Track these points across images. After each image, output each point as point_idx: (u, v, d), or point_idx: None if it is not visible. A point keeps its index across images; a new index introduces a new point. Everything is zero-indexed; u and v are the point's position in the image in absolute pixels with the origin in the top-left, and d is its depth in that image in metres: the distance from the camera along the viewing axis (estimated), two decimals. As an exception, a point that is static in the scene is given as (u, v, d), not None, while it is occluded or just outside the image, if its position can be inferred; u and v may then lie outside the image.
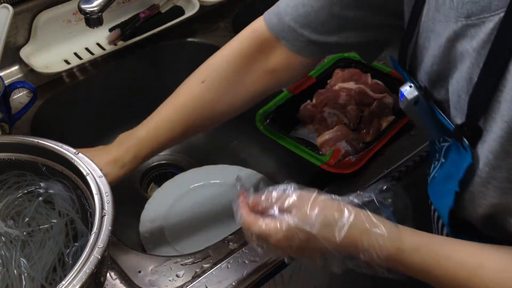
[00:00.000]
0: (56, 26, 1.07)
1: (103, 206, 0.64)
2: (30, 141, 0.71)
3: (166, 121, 0.84)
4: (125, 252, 0.78)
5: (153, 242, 0.96)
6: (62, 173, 0.70)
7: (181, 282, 0.74)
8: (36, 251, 0.66)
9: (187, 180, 1.08)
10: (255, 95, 0.85)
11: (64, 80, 1.07)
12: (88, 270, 0.58)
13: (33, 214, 0.69)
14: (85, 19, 0.93)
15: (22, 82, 0.95)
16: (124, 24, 1.13)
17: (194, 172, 1.10)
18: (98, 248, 0.60)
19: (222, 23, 1.20)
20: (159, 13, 1.16)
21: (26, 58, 1.03)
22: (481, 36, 0.54)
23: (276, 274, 0.81)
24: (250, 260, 0.76)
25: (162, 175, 1.15)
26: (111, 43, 1.11)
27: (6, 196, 0.70)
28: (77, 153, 0.69)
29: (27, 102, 0.97)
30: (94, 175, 0.67)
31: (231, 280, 0.74)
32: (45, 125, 1.01)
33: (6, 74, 1.03)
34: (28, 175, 0.72)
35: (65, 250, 0.66)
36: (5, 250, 0.65)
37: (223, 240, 0.80)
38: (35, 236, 0.67)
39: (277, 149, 1.16)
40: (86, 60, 1.08)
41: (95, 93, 1.11)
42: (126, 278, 0.74)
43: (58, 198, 0.70)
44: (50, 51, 1.07)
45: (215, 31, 1.19)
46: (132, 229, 0.99)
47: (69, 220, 0.69)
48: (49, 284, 0.63)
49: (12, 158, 0.72)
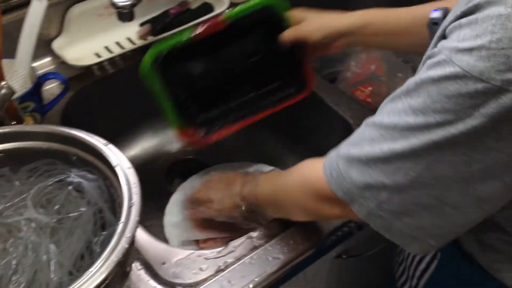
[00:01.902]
0: (88, 19, 1.08)
1: (131, 197, 0.65)
2: (62, 131, 0.72)
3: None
4: (150, 243, 0.79)
5: (177, 235, 0.97)
6: (92, 163, 0.72)
7: (205, 275, 0.75)
8: (65, 238, 0.67)
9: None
10: None
11: (95, 73, 1.08)
12: (115, 259, 0.59)
13: (63, 202, 0.70)
14: (117, 13, 0.95)
15: (54, 74, 0.96)
16: (154, 19, 1.14)
17: (219, 168, 1.11)
18: (126, 238, 0.61)
19: (251, 21, 1.20)
20: (189, 10, 1.17)
21: (58, 50, 1.05)
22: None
23: (299, 272, 0.81)
24: (273, 257, 0.77)
25: (187, 170, 1.16)
26: (141, 38, 1.12)
27: (37, 183, 0.71)
28: (107, 144, 0.71)
29: (58, 93, 0.99)
30: (123, 166, 0.68)
31: (254, 276, 0.75)
32: (75, 116, 1.02)
33: (38, 65, 1.04)
34: (59, 164, 0.73)
35: (93, 238, 0.67)
36: (35, 236, 0.67)
37: (247, 236, 0.80)
38: (64, 223, 0.68)
39: (301, 150, 1.16)
40: (116, 54, 1.09)
41: (124, 86, 1.12)
42: (151, 269, 0.75)
43: (87, 187, 0.71)
44: (81, 44, 1.08)
45: (243, 29, 1.19)
46: (157, 222, 1.00)
47: (97, 209, 0.70)
48: (76, 270, 0.64)
49: (44, 147, 0.73)
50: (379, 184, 0.57)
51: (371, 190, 0.59)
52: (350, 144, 0.62)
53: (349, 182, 0.60)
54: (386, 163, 0.56)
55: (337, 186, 0.62)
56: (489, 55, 0.48)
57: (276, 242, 0.79)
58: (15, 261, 0.65)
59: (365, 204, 0.60)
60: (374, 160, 0.57)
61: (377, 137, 0.57)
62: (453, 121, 0.51)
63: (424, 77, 0.53)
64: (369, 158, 0.58)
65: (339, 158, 0.62)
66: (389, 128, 0.56)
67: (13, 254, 0.66)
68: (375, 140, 0.57)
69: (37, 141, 0.73)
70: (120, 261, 0.59)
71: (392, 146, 0.55)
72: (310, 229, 0.80)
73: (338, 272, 0.97)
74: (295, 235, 0.79)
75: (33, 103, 0.91)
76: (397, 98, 0.56)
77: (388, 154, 0.56)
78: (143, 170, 1.09)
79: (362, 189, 0.59)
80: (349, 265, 0.98)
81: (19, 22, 0.91)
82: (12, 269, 0.64)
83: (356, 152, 0.60)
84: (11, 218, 0.68)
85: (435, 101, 0.51)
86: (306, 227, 0.80)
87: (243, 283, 0.74)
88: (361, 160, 0.59)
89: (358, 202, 0.60)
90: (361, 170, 0.59)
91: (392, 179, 0.56)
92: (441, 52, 0.52)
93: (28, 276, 0.64)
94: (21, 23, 0.90)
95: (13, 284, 0.63)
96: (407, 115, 0.54)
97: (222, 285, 0.74)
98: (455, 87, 0.50)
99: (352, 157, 0.60)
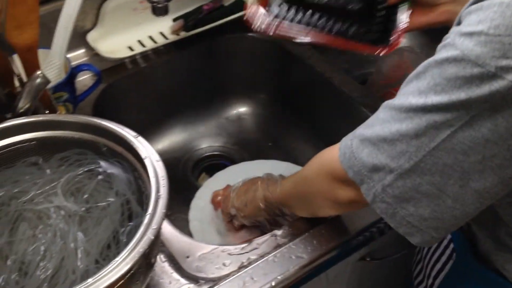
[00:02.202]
0: (122, 13, 1.10)
1: (159, 189, 0.65)
2: (94, 121, 0.73)
3: None
4: (175, 236, 0.79)
5: (201, 230, 0.98)
6: (121, 155, 0.72)
7: (228, 271, 0.75)
8: (92, 227, 0.68)
9: (238, 173, 1.09)
10: None
11: (127, 66, 1.10)
12: (141, 249, 0.59)
13: (92, 191, 0.71)
14: (152, 7, 0.96)
15: (88, 65, 0.98)
16: (187, 15, 1.15)
17: (246, 165, 1.12)
18: (152, 229, 0.61)
19: (284, 20, 1.21)
20: (222, 6, 1.18)
21: (92, 42, 1.06)
22: None
23: (321, 273, 0.81)
24: (297, 256, 0.77)
25: (213, 166, 1.17)
26: (174, 33, 1.14)
27: (67, 172, 0.72)
28: (137, 136, 0.71)
29: (91, 84, 1.00)
30: (152, 159, 0.69)
31: (277, 273, 0.75)
32: (106, 108, 1.04)
33: (72, 56, 1.06)
34: (89, 154, 0.74)
35: (120, 228, 0.68)
36: (64, 224, 0.68)
37: (271, 234, 0.80)
38: (93, 212, 0.69)
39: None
40: (149, 48, 1.11)
41: (155, 81, 1.14)
42: (175, 261, 0.76)
43: (116, 178, 0.72)
44: (115, 37, 1.10)
45: (276, 27, 1.19)
46: (182, 215, 1.01)
47: (125, 200, 0.70)
48: (103, 259, 0.65)
49: (75, 136, 0.74)
50: (385, 166, 0.58)
51: (378, 172, 0.59)
52: (365, 125, 0.63)
53: (359, 162, 0.61)
54: (392, 145, 0.57)
55: (348, 165, 0.63)
56: (486, 40, 0.49)
57: (300, 241, 0.79)
58: (43, 247, 0.66)
59: (371, 186, 0.60)
60: (382, 141, 0.58)
61: (387, 118, 0.58)
62: (449, 106, 0.52)
63: (431, 59, 0.54)
64: (379, 139, 0.59)
65: (354, 137, 0.63)
66: (397, 109, 0.57)
67: (41, 240, 0.67)
68: (385, 121, 0.59)
69: (69, 130, 0.74)
70: (145, 252, 0.59)
71: (399, 127, 0.56)
72: (335, 230, 0.80)
73: (360, 275, 0.97)
74: (319, 235, 0.79)
75: (66, 93, 0.93)
76: (409, 80, 0.58)
77: (395, 135, 0.57)
78: (170, 164, 1.11)
79: (370, 170, 0.60)
80: (371, 268, 0.98)
81: (56, 13, 0.92)
82: (40, 255, 0.66)
83: (369, 133, 0.61)
84: (41, 205, 0.69)
85: (436, 83, 0.53)
86: (331, 228, 0.80)
87: (266, 281, 0.74)
88: (371, 140, 0.60)
89: (366, 184, 0.61)
90: (370, 151, 0.60)
91: (396, 163, 0.57)
92: (449, 36, 0.54)
93: (56, 262, 0.65)
94: (58, 14, 0.92)
95: (40, 270, 0.64)
96: (414, 96, 0.55)
97: (245, 281, 0.74)
98: (454, 69, 0.51)
99: (364, 137, 0.61)
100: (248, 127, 1.24)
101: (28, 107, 0.75)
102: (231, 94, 1.26)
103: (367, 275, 0.99)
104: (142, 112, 1.14)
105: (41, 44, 0.81)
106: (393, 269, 1.04)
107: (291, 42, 0.89)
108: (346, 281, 0.93)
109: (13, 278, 0.64)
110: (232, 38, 1.19)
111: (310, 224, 0.80)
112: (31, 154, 0.74)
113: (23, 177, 0.72)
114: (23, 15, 0.75)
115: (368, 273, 0.99)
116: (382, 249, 0.90)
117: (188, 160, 1.17)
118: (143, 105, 1.14)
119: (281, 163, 1.11)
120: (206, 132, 1.22)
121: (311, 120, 1.19)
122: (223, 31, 1.17)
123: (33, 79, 0.75)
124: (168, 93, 1.17)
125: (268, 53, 1.19)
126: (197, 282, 0.74)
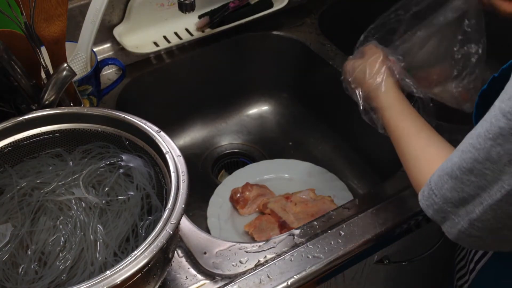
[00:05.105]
0: (149, 8, 1.11)
1: (179, 185, 0.66)
2: (117, 115, 0.74)
3: None
4: (193, 232, 0.80)
5: (219, 227, 0.98)
6: (143, 149, 0.73)
7: (244, 268, 0.76)
8: (112, 220, 0.68)
9: (258, 171, 1.09)
10: None
11: (152, 61, 1.11)
12: (159, 244, 0.60)
13: (113, 184, 0.72)
14: (178, 3, 0.96)
15: (113, 59, 0.98)
16: (213, 12, 1.15)
17: (265, 164, 1.12)
18: (171, 224, 0.61)
19: (309, 19, 1.20)
20: (248, 4, 1.18)
21: (118, 37, 1.07)
22: None
23: (338, 274, 0.80)
24: (314, 256, 0.77)
25: (233, 163, 1.17)
26: (199, 29, 1.14)
27: (89, 165, 0.73)
28: (159, 131, 0.72)
29: (115, 78, 1.01)
30: (173, 154, 0.69)
31: (293, 273, 0.75)
32: (130, 102, 1.05)
33: (98, 50, 1.07)
34: (112, 147, 0.75)
35: (139, 222, 0.68)
36: (84, 216, 0.69)
37: (289, 233, 0.80)
38: (113, 205, 0.70)
39: (349, 150, 1.15)
40: (174, 44, 1.11)
41: (179, 77, 1.15)
42: (192, 257, 0.76)
43: (137, 172, 0.72)
44: (141, 32, 1.11)
45: (300, 27, 1.19)
46: (200, 212, 1.02)
47: (145, 195, 0.71)
48: (121, 252, 0.66)
49: (98, 129, 0.75)
50: (475, 198, 0.55)
51: (465, 206, 0.56)
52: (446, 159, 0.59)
53: (440, 198, 0.58)
54: (480, 175, 0.54)
55: (427, 204, 0.60)
56: None
57: (317, 241, 0.78)
58: (63, 238, 0.67)
59: (456, 222, 0.57)
60: (466, 173, 0.55)
61: (467, 148, 0.55)
62: None
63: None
64: (461, 171, 0.55)
65: (432, 174, 0.60)
66: (481, 137, 0.54)
67: (62, 231, 0.68)
68: (465, 152, 0.55)
69: (92, 123, 0.75)
70: (163, 247, 0.60)
71: (487, 155, 0.53)
72: (353, 231, 0.79)
73: (377, 278, 0.96)
74: (337, 236, 0.79)
75: (91, 86, 0.94)
76: (492, 106, 0.54)
77: (484, 163, 0.53)
78: (190, 160, 1.11)
79: (455, 205, 0.57)
80: (389, 271, 0.97)
81: (84, 7, 0.93)
82: (60, 245, 0.67)
83: (448, 166, 0.57)
84: (62, 196, 0.70)
85: None
86: (348, 229, 0.79)
87: (282, 279, 0.74)
88: (452, 174, 0.56)
89: (449, 220, 0.58)
90: (453, 185, 0.56)
91: (488, 193, 0.54)
92: None
93: (75, 253, 0.66)
94: (86, 8, 0.93)
95: (60, 261, 0.65)
96: (498, 120, 0.51)
97: (261, 279, 0.74)
98: None
99: (444, 172, 0.58)
100: (269, 125, 1.24)
101: (53, 99, 0.76)
102: (253, 92, 1.26)
103: (384, 278, 0.99)
104: (164, 108, 1.15)
105: (68, 37, 0.82)
106: (414, 274, 1.03)
107: (315, 42, 0.90)
108: (363, 284, 0.92)
109: (32, 268, 0.65)
110: (257, 36, 1.19)
111: (326, 225, 0.80)
112: (55, 146, 0.75)
113: (46, 168, 0.73)
114: (52, 8, 0.76)
115: (385, 277, 0.98)
116: (401, 253, 0.90)
117: (208, 157, 1.18)
118: (165, 101, 1.15)
119: (301, 163, 1.10)
120: (227, 129, 1.23)
121: (333, 121, 1.19)
122: (248, 29, 1.17)
123: (59, 72, 0.75)
124: (191, 89, 1.18)
125: (292, 53, 1.19)
126: (213, 279, 0.74)
